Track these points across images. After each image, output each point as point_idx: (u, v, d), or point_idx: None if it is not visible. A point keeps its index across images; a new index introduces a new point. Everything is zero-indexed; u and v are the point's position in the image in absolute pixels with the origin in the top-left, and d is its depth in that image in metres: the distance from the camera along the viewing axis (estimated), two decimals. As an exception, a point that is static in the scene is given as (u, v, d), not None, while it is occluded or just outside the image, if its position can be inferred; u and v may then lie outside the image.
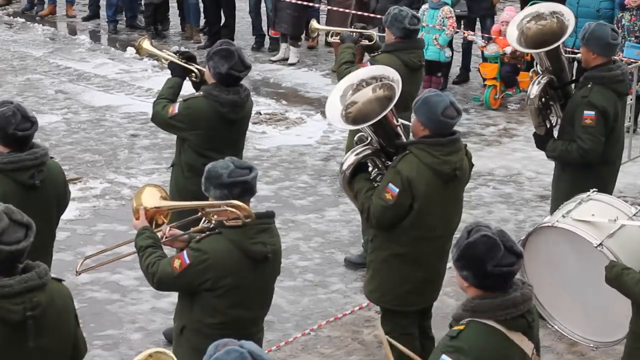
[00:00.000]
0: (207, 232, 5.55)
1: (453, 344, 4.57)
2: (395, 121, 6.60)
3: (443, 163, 6.51)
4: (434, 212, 6.55)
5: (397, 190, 6.45)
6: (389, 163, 6.62)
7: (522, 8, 13.11)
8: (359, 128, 6.63)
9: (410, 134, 7.04)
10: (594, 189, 6.96)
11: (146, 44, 8.22)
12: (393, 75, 6.61)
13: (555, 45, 7.86)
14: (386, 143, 6.62)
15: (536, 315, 4.82)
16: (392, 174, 6.51)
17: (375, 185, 6.62)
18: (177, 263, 5.49)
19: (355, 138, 6.71)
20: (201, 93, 7.44)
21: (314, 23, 10.58)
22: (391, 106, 6.44)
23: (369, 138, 6.61)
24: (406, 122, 7.01)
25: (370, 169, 6.72)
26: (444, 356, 4.56)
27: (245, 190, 5.52)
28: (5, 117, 6.17)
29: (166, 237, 5.79)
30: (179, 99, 7.63)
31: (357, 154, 6.62)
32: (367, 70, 6.97)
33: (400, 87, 6.50)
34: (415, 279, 6.70)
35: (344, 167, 6.67)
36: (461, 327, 4.61)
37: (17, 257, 4.52)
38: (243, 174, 5.50)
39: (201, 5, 15.98)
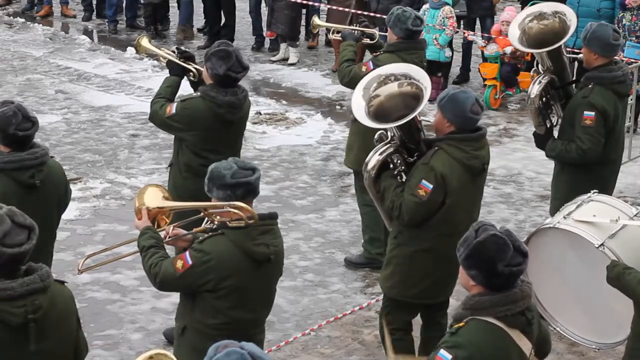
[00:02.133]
0: (210, 233, 5.54)
1: (452, 340, 4.61)
2: (418, 117, 6.63)
3: (473, 158, 6.58)
4: (462, 207, 6.61)
5: (431, 186, 6.49)
6: (410, 160, 6.63)
7: (522, 8, 13.11)
8: (387, 127, 6.59)
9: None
10: (595, 190, 6.96)
11: (145, 41, 8.23)
12: (424, 78, 6.64)
13: (557, 45, 7.86)
14: (408, 139, 6.62)
15: (536, 313, 4.85)
16: (426, 171, 6.52)
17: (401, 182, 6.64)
18: (179, 264, 5.47)
19: (376, 136, 6.69)
20: (198, 94, 7.43)
21: (315, 19, 10.58)
22: (422, 105, 6.47)
23: (390, 135, 6.62)
24: (424, 119, 7.03)
25: (389, 166, 6.71)
26: (442, 351, 4.59)
27: (249, 191, 5.50)
28: (6, 117, 6.17)
29: (169, 237, 5.78)
30: (177, 99, 7.63)
31: (380, 153, 6.62)
32: (398, 67, 6.96)
33: (430, 91, 6.54)
34: (438, 273, 6.73)
35: (369, 167, 6.66)
36: (461, 324, 4.64)
37: (19, 260, 4.50)
38: (246, 175, 5.49)
39: (201, 5, 15.98)
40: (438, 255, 6.66)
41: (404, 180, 6.64)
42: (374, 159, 6.64)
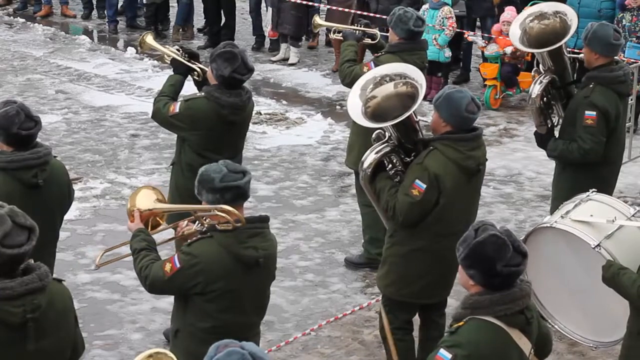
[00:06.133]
0: (199, 236, 5.50)
1: (452, 339, 4.63)
2: (415, 117, 6.62)
3: (468, 158, 6.56)
4: (457, 207, 6.59)
5: (424, 186, 6.48)
6: (407, 159, 6.63)
7: (522, 8, 13.11)
8: (383, 126, 6.58)
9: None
10: (594, 189, 6.96)
11: (149, 39, 8.21)
12: (419, 76, 6.62)
13: (558, 45, 7.87)
14: (405, 139, 6.61)
15: (535, 312, 4.85)
16: (419, 170, 6.52)
17: (397, 182, 6.63)
18: (167, 267, 5.44)
19: (373, 136, 6.69)
20: (202, 94, 7.43)
21: (316, 19, 10.56)
22: (417, 105, 6.45)
23: (387, 135, 6.61)
24: (423, 119, 7.02)
25: (386, 166, 6.70)
26: (442, 351, 4.61)
27: (238, 195, 5.43)
28: (9, 116, 6.17)
29: (182, 231, 5.74)
30: (180, 98, 7.63)
31: (377, 152, 6.61)
32: (392, 67, 6.95)
33: (425, 89, 6.53)
34: (434, 273, 6.73)
35: (365, 165, 6.65)
36: (461, 324, 4.66)
37: (18, 260, 4.50)
38: (236, 179, 5.42)
39: (201, 5, 15.98)
40: (433, 255, 6.66)
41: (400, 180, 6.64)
42: (370, 158, 6.64)
